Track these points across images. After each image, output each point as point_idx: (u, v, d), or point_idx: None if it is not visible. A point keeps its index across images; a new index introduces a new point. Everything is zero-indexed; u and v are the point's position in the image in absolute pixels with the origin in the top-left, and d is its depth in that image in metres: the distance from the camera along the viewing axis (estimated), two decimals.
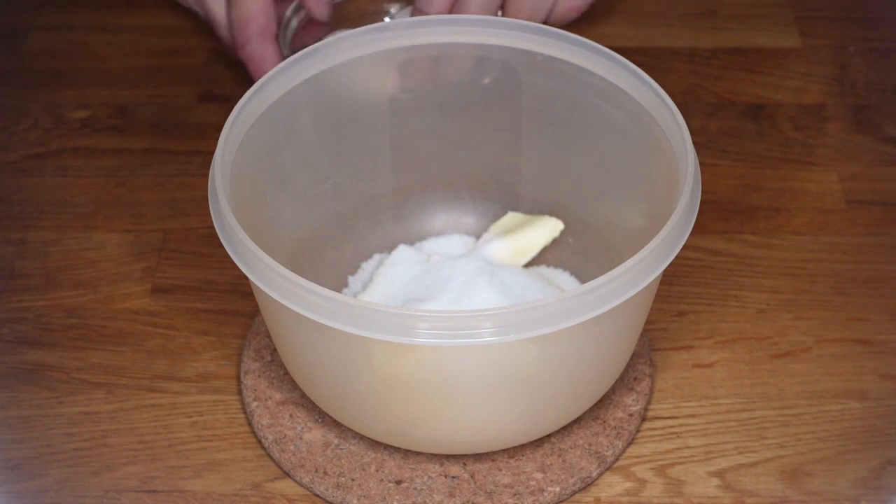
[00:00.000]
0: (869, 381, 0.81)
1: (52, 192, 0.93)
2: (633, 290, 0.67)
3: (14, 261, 0.88)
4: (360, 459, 0.76)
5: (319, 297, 0.66)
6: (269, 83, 0.76)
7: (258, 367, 0.81)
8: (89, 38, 1.05)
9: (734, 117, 0.98)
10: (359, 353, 0.69)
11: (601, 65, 0.77)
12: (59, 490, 0.76)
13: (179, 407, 0.80)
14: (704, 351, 0.83)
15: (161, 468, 0.77)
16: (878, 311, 0.84)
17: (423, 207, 0.87)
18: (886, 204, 0.91)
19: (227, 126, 0.73)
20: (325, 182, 0.82)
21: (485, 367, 0.70)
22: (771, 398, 0.80)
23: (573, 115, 0.80)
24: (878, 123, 0.97)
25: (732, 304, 0.85)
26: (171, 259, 0.88)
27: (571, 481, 0.75)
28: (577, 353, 0.71)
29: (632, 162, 0.78)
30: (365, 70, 0.79)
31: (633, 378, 0.80)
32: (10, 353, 0.83)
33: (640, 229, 0.76)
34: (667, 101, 0.74)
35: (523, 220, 0.85)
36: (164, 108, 0.99)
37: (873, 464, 0.77)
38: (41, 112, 0.98)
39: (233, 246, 0.69)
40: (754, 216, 0.90)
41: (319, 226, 0.83)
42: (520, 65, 0.80)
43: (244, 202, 0.73)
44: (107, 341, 0.83)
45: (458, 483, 0.75)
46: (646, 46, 1.03)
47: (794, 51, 1.03)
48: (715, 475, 0.76)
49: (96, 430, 0.79)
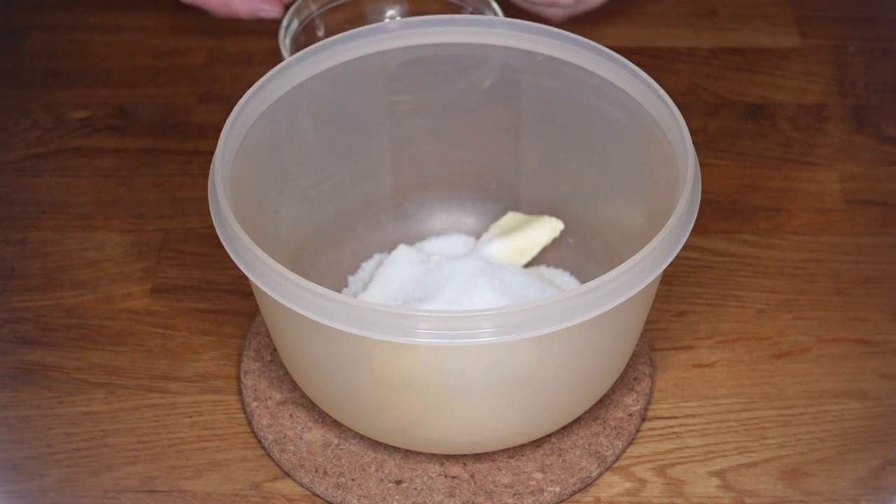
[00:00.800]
0: (869, 381, 0.81)
1: (52, 192, 0.93)
2: (633, 290, 0.67)
3: (14, 261, 0.88)
4: (360, 459, 0.76)
5: (319, 297, 0.66)
6: (269, 83, 0.76)
7: (258, 367, 0.81)
8: (89, 38, 1.05)
9: (734, 117, 0.98)
10: (359, 353, 0.69)
11: (601, 65, 0.77)
12: (59, 490, 0.76)
13: (179, 407, 0.80)
14: (704, 351, 0.82)
15: (161, 468, 0.77)
16: (878, 311, 0.84)
17: (423, 207, 0.87)
18: (886, 204, 0.91)
19: (227, 126, 0.73)
20: (325, 182, 0.82)
21: (485, 367, 0.70)
22: (771, 398, 0.80)
23: (573, 115, 0.80)
24: (878, 123, 0.97)
25: (732, 304, 0.85)
26: (171, 259, 0.88)
27: (571, 481, 0.75)
28: (577, 353, 0.71)
29: (632, 162, 0.78)
30: (365, 70, 0.79)
31: (633, 378, 0.80)
32: (10, 353, 0.83)
33: (640, 229, 0.76)
34: (667, 101, 0.74)
35: (523, 220, 0.85)
36: (164, 108, 0.99)
37: (873, 464, 0.77)
38: (41, 112, 0.98)
39: (233, 246, 0.69)
40: (754, 216, 0.90)
41: (319, 226, 0.83)
42: (520, 65, 0.80)
43: (244, 202, 0.73)
44: (107, 341, 0.83)
45: (458, 483, 0.75)
46: (646, 46, 1.03)
47: (794, 51, 1.03)
48: (715, 475, 0.76)
49: (96, 430, 0.79)
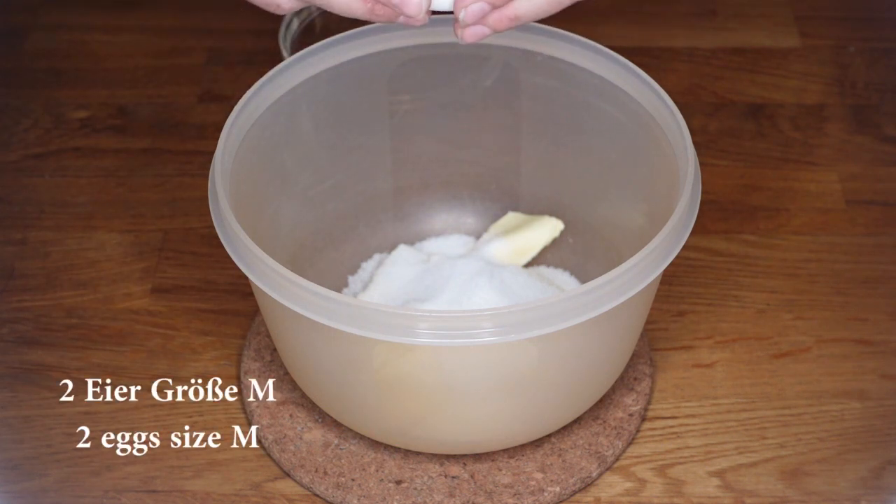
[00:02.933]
0: (869, 381, 0.81)
1: (52, 192, 0.92)
2: (633, 290, 0.67)
3: (14, 261, 0.88)
4: (360, 459, 0.76)
5: (319, 297, 0.66)
6: (269, 83, 0.76)
7: (258, 367, 0.81)
8: (89, 38, 1.05)
9: (734, 117, 0.98)
10: (359, 353, 0.69)
11: (601, 65, 0.77)
12: (59, 490, 0.76)
13: (179, 407, 0.80)
14: (704, 351, 0.82)
15: (161, 468, 0.77)
16: (878, 311, 0.84)
17: (423, 207, 0.87)
18: (886, 204, 0.91)
19: (227, 126, 0.73)
20: (325, 182, 0.82)
21: (485, 367, 0.70)
22: (771, 398, 0.80)
23: (573, 115, 0.80)
24: (878, 123, 0.97)
25: (732, 304, 0.85)
26: (171, 259, 0.88)
27: (571, 481, 0.75)
28: (577, 353, 0.71)
29: (632, 162, 0.78)
30: (365, 70, 0.79)
31: (633, 378, 0.80)
32: (10, 353, 0.83)
33: (640, 229, 0.76)
34: (667, 101, 0.74)
35: (523, 220, 0.85)
36: (164, 108, 0.99)
37: (873, 464, 0.77)
38: (41, 112, 0.98)
39: (233, 246, 0.69)
40: (754, 216, 0.90)
41: (319, 226, 0.83)
42: (520, 65, 0.80)
43: (244, 202, 0.73)
44: (107, 341, 0.83)
45: (458, 483, 0.75)
46: (646, 46, 1.03)
47: (794, 51, 1.03)
48: (715, 475, 0.76)
49: (96, 430, 0.79)
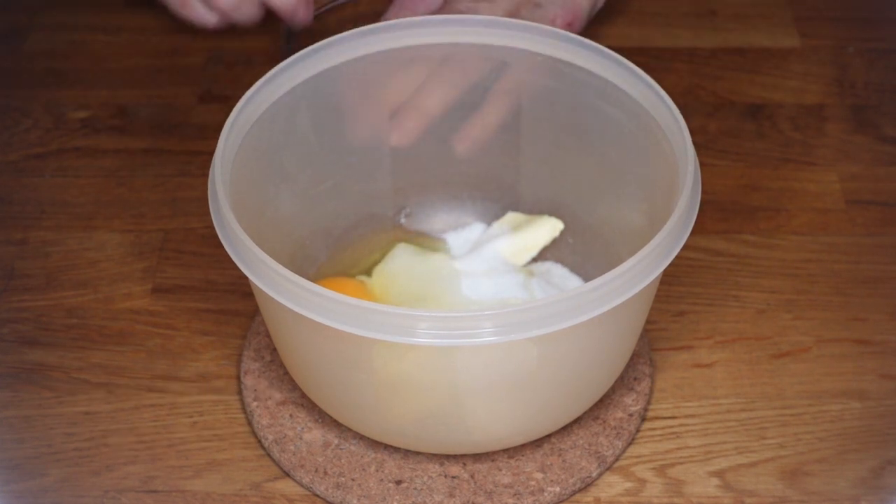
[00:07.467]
0: (869, 381, 0.81)
1: (52, 192, 0.93)
2: (633, 290, 0.67)
3: (14, 261, 0.88)
4: (360, 459, 0.76)
5: (319, 297, 0.66)
6: (269, 83, 0.76)
7: (258, 367, 0.81)
8: (89, 38, 1.05)
9: (734, 117, 0.98)
10: (359, 353, 0.69)
11: (601, 65, 0.77)
12: (59, 490, 0.76)
13: (179, 407, 0.80)
14: (704, 351, 0.82)
15: (161, 468, 0.77)
16: (878, 311, 0.84)
17: (423, 207, 0.87)
18: (886, 204, 0.91)
19: (227, 126, 0.73)
20: (325, 182, 0.82)
21: (485, 367, 0.70)
22: (771, 398, 0.80)
23: (573, 116, 0.80)
24: (877, 123, 0.97)
25: (732, 304, 0.85)
26: (171, 259, 0.88)
27: (571, 481, 0.75)
28: (577, 353, 0.71)
29: (632, 162, 0.78)
30: (365, 70, 0.79)
31: (633, 378, 0.80)
32: (10, 353, 0.83)
33: (640, 229, 0.76)
34: (667, 101, 0.74)
35: (523, 220, 0.85)
36: (164, 108, 0.99)
37: (873, 464, 0.77)
38: (41, 112, 0.98)
39: (233, 246, 0.69)
40: (754, 216, 0.90)
41: (319, 226, 0.83)
42: (520, 65, 0.80)
43: (244, 202, 0.73)
44: (107, 341, 0.83)
45: (458, 483, 0.75)
46: (646, 46, 1.03)
47: (793, 51, 1.03)
48: (715, 475, 0.76)
49: (96, 430, 0.79)
